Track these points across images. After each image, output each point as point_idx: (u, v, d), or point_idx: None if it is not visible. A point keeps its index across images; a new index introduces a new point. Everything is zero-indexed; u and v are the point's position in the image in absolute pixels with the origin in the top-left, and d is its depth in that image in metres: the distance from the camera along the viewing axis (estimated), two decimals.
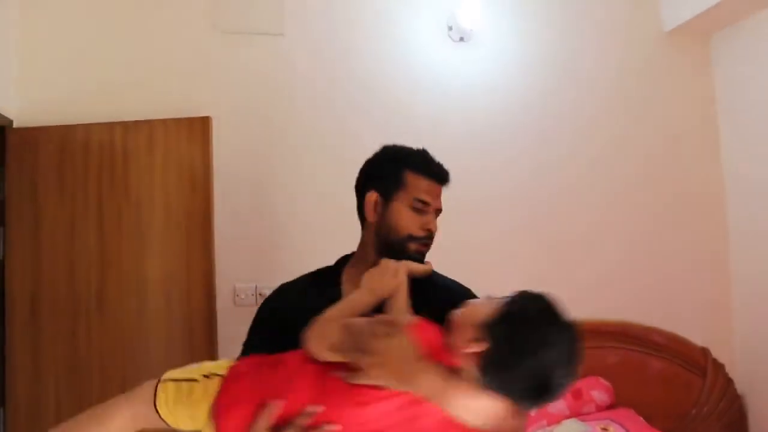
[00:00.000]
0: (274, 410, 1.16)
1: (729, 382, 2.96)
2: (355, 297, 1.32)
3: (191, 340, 2.41)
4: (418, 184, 1.48)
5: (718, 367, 2.96)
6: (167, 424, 1.25)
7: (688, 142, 3.11)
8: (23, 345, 2.44)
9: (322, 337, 1.21)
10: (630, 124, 3.07)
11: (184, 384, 1.27)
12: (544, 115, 3.01)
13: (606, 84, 3.07)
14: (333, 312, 1.27)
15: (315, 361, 1.20)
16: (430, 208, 1.49)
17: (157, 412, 1.25)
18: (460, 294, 1.41)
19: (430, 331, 1.18)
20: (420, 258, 1.47)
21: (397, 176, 1.48)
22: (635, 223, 3.04)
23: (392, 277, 1.34)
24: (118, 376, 2.41)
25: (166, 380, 1.28)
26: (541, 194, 2.99)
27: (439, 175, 1.52)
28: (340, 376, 1.15)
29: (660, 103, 3.10)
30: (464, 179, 2.89)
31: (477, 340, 1.08)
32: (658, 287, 3.02)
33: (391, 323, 1.19)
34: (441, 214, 1.54)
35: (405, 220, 1.46)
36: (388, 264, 1.36)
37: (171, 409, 1.24)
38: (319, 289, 1.51)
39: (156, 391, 1.26)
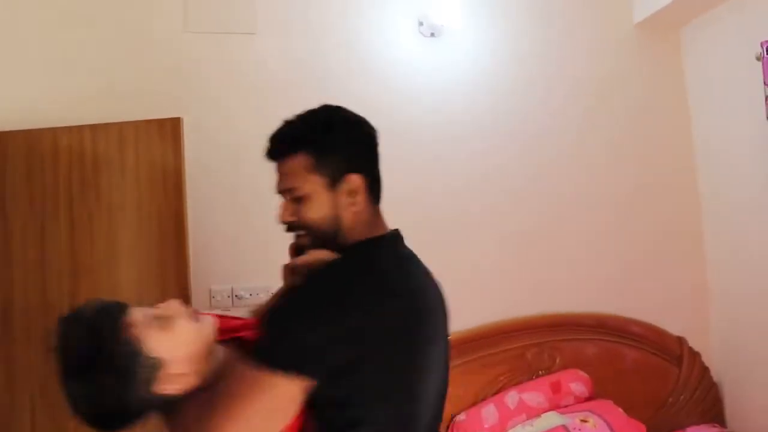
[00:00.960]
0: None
1: (705, 370, 3.00)
2: None
3: None
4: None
5: (694, 355, 3.00)
6: None
7: (661, 133, 3.15)
8: None
9: None
10: (603, 116, 3.10)
11: None
12: (516, 110, 3.03)
13: (577, 78, 3.09)
14: None
15: None
16: (281, 196, 1.38)
17: None
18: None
19: None
20: (302, 249, 1.37)
21: None
22: (610, 215, 3.07)
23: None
24: None
25: None
26: (512, 188, 3.00)
27: (268, 153, 1.42)
28: None
29: (632, 96, 3.13)
30: (435, 173, 2.93)
31: None
32: (633, 278, 3.05)
33: None
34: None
35: None
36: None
37: None
38: None
39: None
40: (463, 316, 2.77)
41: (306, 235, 1.34)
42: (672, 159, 3.14)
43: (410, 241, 1.51)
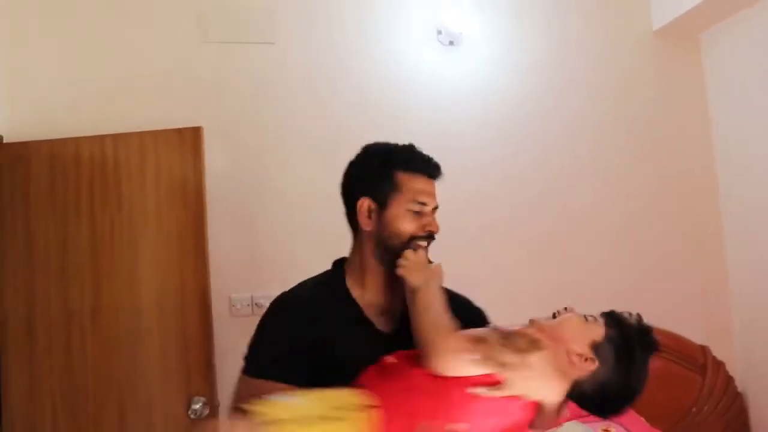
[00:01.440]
0: None
1: (729, 379, 2.95)
2: (431, 296, 1.30)
3: (187, 352, 2.39)
4: (412, 185, 1.42)
5: (718, 364, 2.95)
6: None
7: (681, 140, 3.12)
8: (17, 361, 2.41)
9: (457, 350, 1.18)
10: (621, 124, 3.08)
11: (327, 426, 1.08)
12: (535, 117, 3.01)
13: (596, 85, 3.07)
14: (440, 321, 1.25)
15: (443, 378, 1.18)
16: (428, 208, 1.44)
17: None
18: (473, 309, 1.56)
19: None
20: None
21: (389, 179, 1.42)
22: (629, 222, 3.04)
23: (433, 268, 1.38)
24: (114, 391, 2.38)
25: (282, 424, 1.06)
26: (531, 194, 2.99)
27: (430, 169, 1.46)
28: (479, 391, 1.16)
29: (651, 103, 3.11)
30: (455, 182, 2.91)
31: (589, 359, 1.21)
32: (655, 285, 3.01)
33: (527, 336, 1.25)
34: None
35: (405, 224, 1.41)
36: (415, 255, 1.39)
37: None
38: (333, 300, 1.46)
39: None
40: None
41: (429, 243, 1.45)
42: (692, 165, 3.11)
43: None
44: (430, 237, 1.44)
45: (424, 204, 1.42)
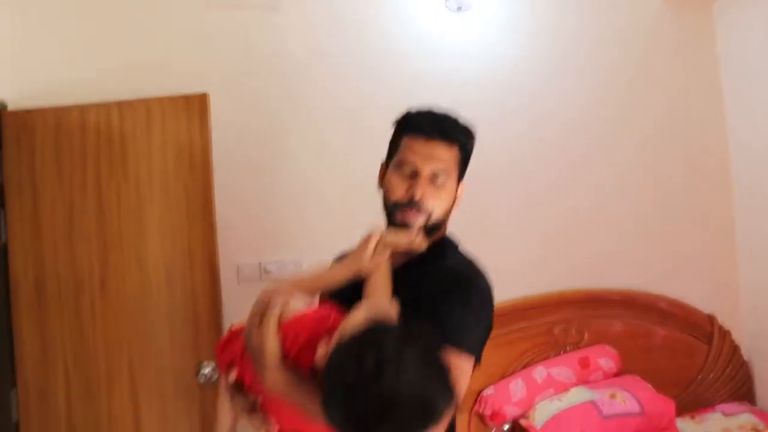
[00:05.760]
0: None
1: (735, 348, 2.96)
2: (331, 270, 1.33)
3: (195, 318, 2.41)
4: (406, 147, 1.37)
5: (724, 333, 2.96)
6: None
7: (693, 111, 3.07)
8: (30, 328, 2.44)
9: None
10: (635, 94, 3.04)
11: None
12: (545, 87, 2.97)
13: (609, 55, 3.02)
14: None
15: None
16: (412, 170, 1.36)
17: None
18: (451, 276, 1.35)
19: (308, 321, 1.20)
20: (406, 228, 1.36)
21: (395, 141, 1.43)
22: (640, 192, 3.02)
23: (363, 250, 1.29)
24: (124, 357, 2.41)
25: None
26: (545, 166, 2.96)
27: (427, 129, 1.36)
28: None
29: (664, 73, 3.06)
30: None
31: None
32: (663, 255, 3.01)
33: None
34: None
35: (392, 185, 1.38)
36: (367, 236, 1.31)
37: None
38: None
39: None
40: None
41: (418, 213, 1.36)
42: (705, 137, 3.07)
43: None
44: (411, 204, 1.35)
45: (405, 163, 1.37)
